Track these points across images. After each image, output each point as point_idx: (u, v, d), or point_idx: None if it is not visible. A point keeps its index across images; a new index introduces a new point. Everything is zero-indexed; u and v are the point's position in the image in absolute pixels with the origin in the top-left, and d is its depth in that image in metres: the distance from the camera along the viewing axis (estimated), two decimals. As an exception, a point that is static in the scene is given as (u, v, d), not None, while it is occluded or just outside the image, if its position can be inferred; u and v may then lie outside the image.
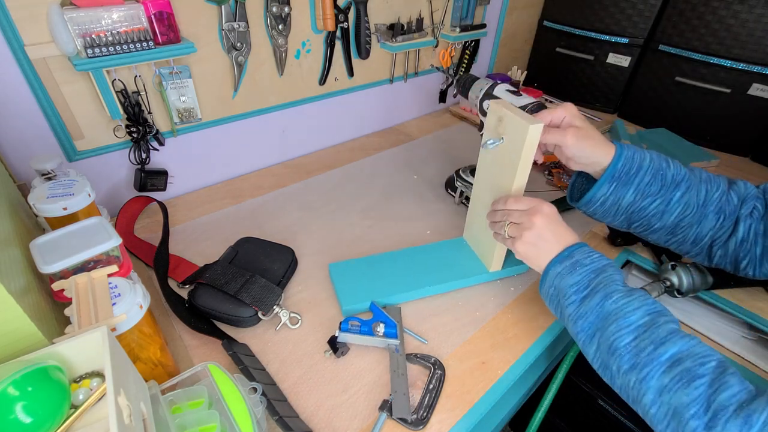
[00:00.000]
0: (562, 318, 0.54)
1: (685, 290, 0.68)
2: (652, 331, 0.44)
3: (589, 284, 0.50)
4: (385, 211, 0.87)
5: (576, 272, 0.51)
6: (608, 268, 0.51)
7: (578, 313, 0.50)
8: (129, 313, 0.42)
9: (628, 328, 0.46)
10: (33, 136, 0.68)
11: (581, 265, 0.52)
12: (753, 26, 1.02)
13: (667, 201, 0.58)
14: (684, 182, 0.58)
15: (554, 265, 0.54)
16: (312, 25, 0.89)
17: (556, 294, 0.53)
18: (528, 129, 0.53)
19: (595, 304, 0.49)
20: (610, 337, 0.46)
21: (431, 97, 1.30)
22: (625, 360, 0.45)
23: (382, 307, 0.61)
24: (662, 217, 0.59)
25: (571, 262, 0.52)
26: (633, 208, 0.59)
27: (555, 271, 0.53)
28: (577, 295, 0.50)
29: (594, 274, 0.51)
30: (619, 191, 0.58)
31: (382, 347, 0.59)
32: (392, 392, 0.52)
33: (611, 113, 1.37)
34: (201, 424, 0.41)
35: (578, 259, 0.52)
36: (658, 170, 0.58)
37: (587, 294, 0.50)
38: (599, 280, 0.50)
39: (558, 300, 0.53)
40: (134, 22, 0.65)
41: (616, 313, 0.47)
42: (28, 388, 0.30)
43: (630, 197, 0.58)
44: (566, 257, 0.53)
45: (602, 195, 0.60)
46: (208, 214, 0.84)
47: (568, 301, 0.51)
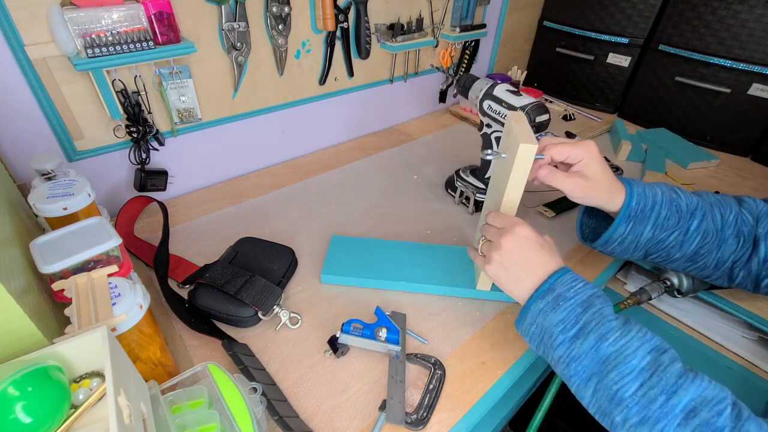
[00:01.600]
0: (548, 358, 0.49)
1: (685, 290, 0.68)
2: (659, 376, 0.40)
3: (577, 321, 0.45)
4: (385, 211, 0.87)
5: (560, 308, 0.47)
6: (595, 300, 0.46)
7: (570, 355, 0.45)
8: (129, 313, 0.42)
9: (631, 375, 0.41)
10: (33, 136, 0.68)
11: (564, 299, 0.47)
12: (753, 26, 1.02)
13: (685, 231, 0.56)
14: (699, 210, 0.56)
15: (535, 301, 0.48)
16: (312, 25, 0.89)
17: (540, 333, 0.48)
18: (518, 147, 0.50)
19: (590, 347, 0.44)
20: (612, 386, 0.42)
21: (431, 97, 1.30)
22: (634, 412, 0.40)
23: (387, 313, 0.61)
24: (681, 247, 0.57)
25: (553, 296, 0.47)
26: (651, 243, 0.58)
27: (537, 308, 0.48)
28: (565, 335, 0.46)
29: (581, 308, 0.46)
30: (636, 229, 0.57)
31: (382, 352, 0.58)
32: (388, 398, 0.52)
33: (611, 113, 1.37)
34: (201, 424, 0.41)
35: (560, 293, 0.47)
36: (672, 202, 0.57)
37: (577, 333, 0.45)
38: (589, 316, 0.45)
39: (542, 339, 0.48)
40: (134, 22, 0.65)
41: (615, 357, 0.42)
42: (28, 388, 0.30)
43: (648, 233, 0.57)
44: (547, 291, 0.48)
45: (620, 235, 0.58)
46: (208, 214, 0.84)
47: (556, 342, 0.46)
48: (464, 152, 1.10)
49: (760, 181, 1.05)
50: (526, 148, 0.51)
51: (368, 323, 0.58)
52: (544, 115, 0.73)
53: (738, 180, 1.05)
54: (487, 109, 0.79)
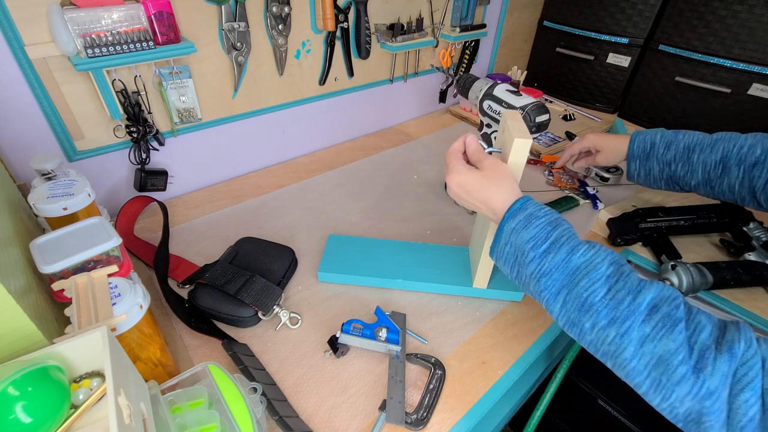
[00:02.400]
0: (519, 277, 0.51)
1: (685, 290, 0.68)
2: (624, 280, 0.43)
3: (548, 237, 0.47)
4: (385, 211, 0.87)
5: (532, 225, 0.48)
6: (562, 221, 0.49)
7: (541, 270, 0.47)
8: (129, 313, 0.42)
9: (600, 281, 0.43)
10: (33, 136, 0.68)
11: (536, 217, 0.48)
12: (753, 26, 1.02)
13: (689, 163, 0.71)
14: (698, 146, 0.71)
15: (507, 221, 0.50)
16: (312, 25, 0.89)
17: (514, 252, 0.49)
18: (513, 142, 0.52)
19: (561, 260, 0.46)
20: (583, 293, 0.44)
21: (431, 97, 1.30)
22: (603, 315, 0.42)
23: (387, 313, 0.61)
24: (692, 176, 0.71)
25: (525, 215, 0.49)
26: (666, 175, 0.74)
27: (509, 227, 0.49)
28: (535, 251, 0.47)
29: (551, 226, 0.48)
30: (645, 165, 0.76)
31: (382, 352, 0.59)
32: (388, 398, 0.52)
33: (611, 113, 1.37)
34: (201, 424, 0.41)
35: (532, 212, 0.49)
36: (671, 141, 0.73)
37: (548, 248, 0.47)
38: (559, 233, 0.47)
39: (516, 258, 0.49)
40: (134, 22, 0.65)
41: (585, 266, 0.44)
42: (28, 388, 0.30)
43: (657, 167, 0.75)
44: (519, 210, 0.49)
45: (634, 170, 0.78)
46: (208, 214, 0.84)
47: (528, 259, 0.48)
48: (464, 152, 1.10)
49: (760, 181, 1.05)
50: (520, 142, 0.52)
51: (368, 323, 0.58)
52: (544, 115, 0.73)
53: (738, 180, 1.05)
54: (487, 109, 0.79)
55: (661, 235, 0.78)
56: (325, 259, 0.70)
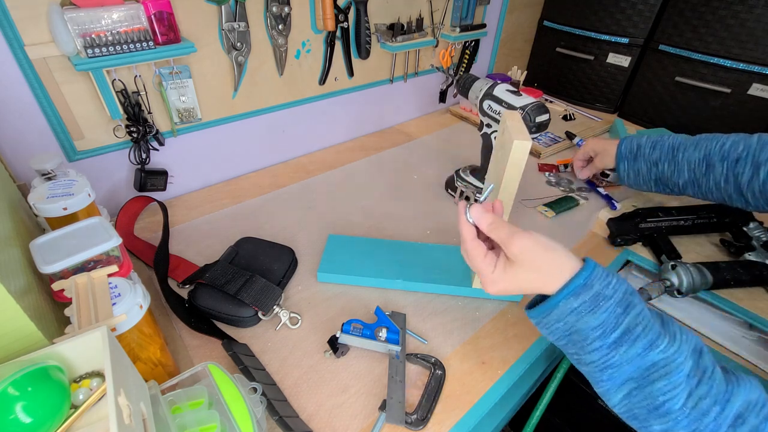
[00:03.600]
0: (567, 350, 0.44)
1: (685, 290, 0.68)
2: (708, 384, 0.38)
3: (618, 323, 0.40)
4: (385, 211, 0.87)
5: (600, 309, 0.40)
6: (632, 298, 0.41)
7: (607, 362, 0.41)
8: (129, 313, 0.42)
9: (680, 387, 0.38)
10: (33, 136, 0.68)
11: (605, 297, 0.40)
12: (753, 26, 1.02)
13: (675, 162, 0.73)
14: (682, 145, 0.74)
15: (566, 298, 0.41)
16: (312, 25, 0.89)
17: (567, 332, 0.43)
18: (512, 144, 0.51)
19: (635, 355, 0.39)
20: (659, 396, 0.38)
21: (431, 97, 1.30)
22: (682, 425, 0.38)
23: (387, 313, 0.61)
24: (679, 174, 0.73)
25: (591, 295, 0.40)
26: (653, 175, 0.76)
27: (568, 306, 0.41)
28: (603, 340, 0.40)
29: (621, 308, 0.40)
30: (633, 165, 0.79)
31: (382, 352, 0.58)
32: (388, 398, 0.52)
33: (611, 113, 1.37)
34: (201, 424, 0.41)
35: (600, 291, 0.40)
36: (657, 142, 0.77)
37: (619, 339, 0.40)
38: (632, 319, 0.40)
39: (570, 338, 0.43)
40: (134, 22, 0.65)
41: (664, 365, 0.38)
42: (28, 388, 0.30)
43: (644, 167, 0.77)
44: (582, 288, 0.41)
45: (624, 171, 0.81)
46: (208, 214, 0.84)
47: (591, 347, 0.41)
48: (464, 152, 1.10)
49: (760, 181, 1.05)
50: (519, 144, 0.51)
51: (368, 323, 0.58)
52: (544, 115, 0.73)
53: (738, 180, 1.05)
54: (487, 109, 0.79)
55: (661, 235, 0.78)
56: (324, 260, 0.70)
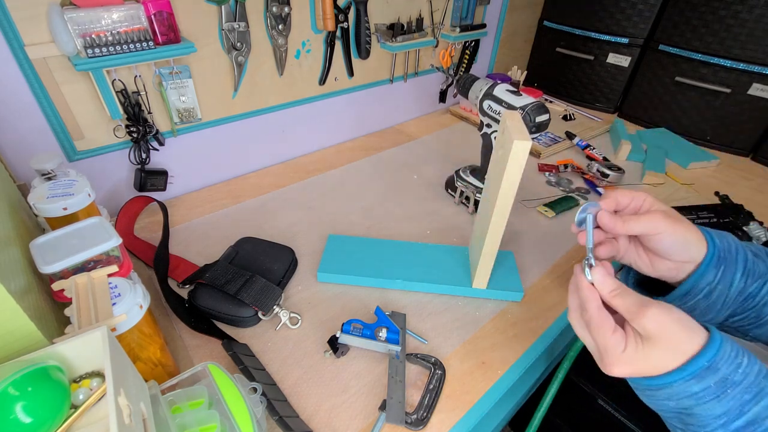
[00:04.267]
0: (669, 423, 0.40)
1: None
2: None
3: (743, 412, 0.34)
4: (385, 211, 0.87)
5: (726, 397, 0.34)
6: (766, 383, 0.35)
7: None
8: (129, 313, 0.42)
9: None
10: (33, 136, 0.68)
11: (732, 384, 0.34)
12: (753, 26, 1.02)
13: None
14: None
15: (687, 381, 0.35)
16: (312, 25, 0.89)
17: (679, 412, 0.37)
18: (512, 144, 0.49)
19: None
20: None
21: (431, 97, 1.30)
22: None
23: (387, 313, 0.61)
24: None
25: (716, 380, 0.34)
26: (741, 297, 0.45)
27: (688, 390, 0.35)
28: (725, 428, 0.35)
29: (750, 395, 0.34)
30: (727, 275, 0.44)
31: (382, 352, 0.58)
32: (388, 398, 0.52)
33: (611, 113, 1.37)
34: (201, 424, 0.41)
35: (727, 375, 0.34)
36: (746, 246, 0.45)
37: (743, 428, 0.34)
38: (761, 410, 0.34)
39: (683, 421, 0.37)
40: (134, 22, 0.65)
41: None
42: (28, 388, 0.30)
43: (739, 282, 0.44)
44: (707, 370, 0.34)
45: (707, 284, 0.44)
46: (208, 214, 0.84)
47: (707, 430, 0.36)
48: (464, 152, 1.10)
49: (759, 181, 1.05)
50: (520, 144, 0.50)
51: (368, 323, 0.58)
52: (544, 115, 0.73)
53: (738, 180, 1.05)
54: (487, 109, 0.79)
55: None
56: (324, 260, 0.70)
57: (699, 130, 1.19)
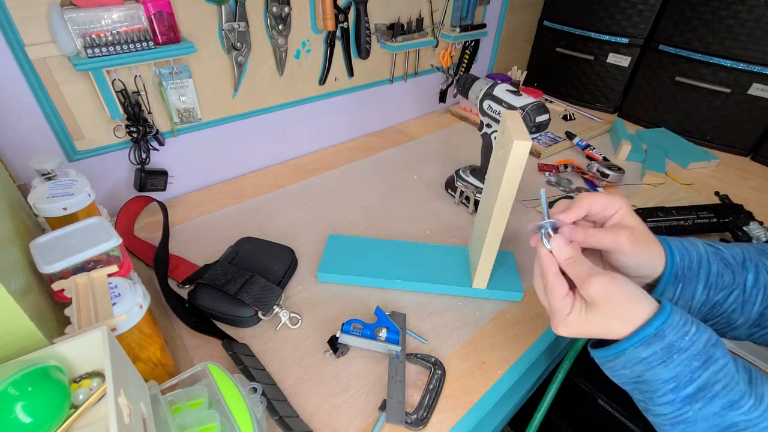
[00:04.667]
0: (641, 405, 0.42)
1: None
2: None
3: (693, 378, 0.36)
4: (385, 211, 0.87)
5: (673, 362, 0.37)
6: (714, 351, 0.37)
7: (681, 416, 0.37)
8: (129, 313, 0.42)
9: None
10: (33, 136, 0.68)
11: (679, 350, 0.36)
12: (753, 26, 1.02)
13: (743, 289, 0.46)
14: (748, 260, 0.47)
15: (636, 347, 0.38)
16: (312, 25, 0.89)
17: (634, 380, 0.40)
18: (512, 144, 0.50)
19: (712, 413, 0.36)
20: None
21: (431, 97, 1.30)
22: None
23: (387, 313, 0.61)
24: (743, 309, 0.46)
25: (663, 346, 0.37)
26: (706, 308, 0.46)
27: (637, 356, 0.38)
28: (676, 393, 0.37)
29: (698, 361, 0.36)
30: (687, 291, 0.46)
31: (382, 352, 0.58)
32: (388, 398, 0.52)
33: (611, 113, 1.37)
34: (201, 424, 0.41)
35: (673, 341, 0.37)
36: (716, 254, 0.47)
37: (694, 395, 0.36)
38: (711, 375, 0.36)
39: (636, 386, 0.40)
40: (134, 22, 0.65)
41: (745, 427, 0.35)
42: (28, 388, 0.30)
43: (701, 295, 0.46)
44: (654, 337, 0.37)
45: (668, 298, 0.46)
46: (208, 214, 0.84)
47: (663, 400, 0.38)
48: (464, 152, 1.10)
49: (759, 181, 1.05)
50: (520, 144, 0.51)
51: (368, 323, 0.58)
52: (544, 115, 0.73)
53: (738, 180, 1.05)
54: (487, 109, 0.79)
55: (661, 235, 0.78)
56: (324, 260, 0.70)
57: (699, 130, 1.19)
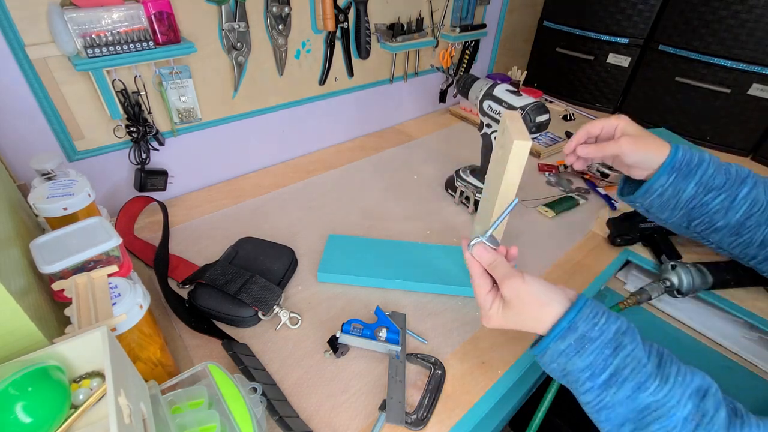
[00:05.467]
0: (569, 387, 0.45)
1: (685, 290, 0.68)
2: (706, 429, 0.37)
3: (606, 365, 0.40)
4: (385, 211, 0.87)
5: (586, 351, 0.41)
6: (623, 338, 0.41)
7: (601, 402, 0.41)
8: (129, 313, 0.42)
9: (675, 429, 0.38)
10: (33, 136, 0.68)
11: (590, 340, 0.41)
12: (753, 26, 1.01)
13: (733, 197, 0.53)
14: (750, 179, 0.53)
15: (554, 341, 0.42)
16: (312, 25, 0.89)
17: (562, 371, 0.44)
18: (512, 144, 0.50)
19: (625, 397, 0.39)
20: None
21: (431, 97, 1.30)
22: None
23: (387, 313, 0.61)
24: (726, 214, 0.53)
25: (575, 337, 0.41)
26: (694, 203, 0.54)
27: (557, 349, 0.43)
28: (593, 381, 0.41)
29: (609, 349, 0.40)
30: (679, 183, 0.54)
31: (382, 352, 0.58)
32: (388, 398, 0.52)
33: (611, 113, 1.37)
34: (201, 424, 0.41)
35: (584, 332, 0.41)
36: (720, 165, 0.54)
37: (608, 380, 0.40)
38: (620, 361, 0.40)
39: (566, 378, 0.44)
40: (134, 22, 0.65)
41: (656, 408, 0.38)
42: (28, 388, 0.30)
43: (691, 190, 0.54)
44: (567, 330, 0.42)
45: (660, 186, 0.55)
46: (208, 214, 0.84)
47: (583, 388, 0.42)
48: (464, 152, 1.10)
49: (760, 181, 1.05)
50: (520, 144, 0.51)
51: (368, 323, 0.58)
52: (544, 115, 0.73)
53: (738, 180, 1.05)
54: (487, 109, 0.79)
55: (661, 235, 0.78)
56: (324, 260, 0.70)
57: (699, 130, 1.19)
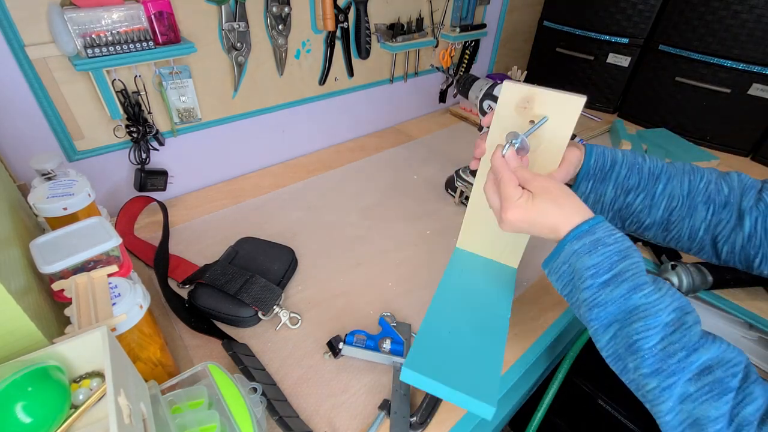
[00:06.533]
0: (570, 299, 0.48)
1: (685, 290, 0.68)
2: (683, 333, 0.40)
3: (611, 268, 0.44)
4: (385, 211, 0.87)
5: (597, 252, 0.44)
6: (633, 252, 0.45)
7: (596, 300, 0.44)
8: (129, 313, 0.42)
9: (655, 329, 0.41)
10: (33, 136, 0.68)
11: (604, 244, 0.44)
12: (753, 26, 1.01)
13: (651, 195, 0.56)
14: (663, 174, 0.57)
15: (571, 241, 0.46)
16: (312, 25, 0.89)
17: (570, 273, 0.47)
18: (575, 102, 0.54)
19: (620, 296, 0.43)
20: (634, 335, 0.42)
21: (431, 97, 1.30)
22: (648, 363, 0.41)
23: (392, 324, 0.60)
24: (650, 212, 0.57)
25: (592, 239, 0.45)
26: (618, 205, 0.58)
27: (572, 249, 0.46)
28: (594, 279, 0.44)
29: (618, 256, 0.44)
30: (598, 188, 0.58)
31: (386, 364, 0.57)
32: (393, 412, 0.51)
33: (611, 113, 1.37)
34: (201, 424, 0.41)
35: (600, 237, 0.45)
36: (633, 164, 0.58)
37: (608, 280, 0.44)
38: (625, 266, 0.44)
39: (572, 279, 0.47)
40: (134, 22, 0.65)
41: (644, 308, 0.42)
42: (28, 388, 0.30)
43: (611, 193, 0.58)
44: (586, 233, 0.45)
45: (582, 194, 0.59)
46: (208, 214, 0.84)
47: (584, 285, 0.45)
48: (464, 152, 1.10)
49: (760, 181, 1.05)
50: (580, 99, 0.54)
51: (372, 334, 0.57)
52: (544, 115, 0.72)
53: (738, 180, 1.05)
54: (487, 109, 0.79)
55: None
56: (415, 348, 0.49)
57: (699, 130, 1.19)
